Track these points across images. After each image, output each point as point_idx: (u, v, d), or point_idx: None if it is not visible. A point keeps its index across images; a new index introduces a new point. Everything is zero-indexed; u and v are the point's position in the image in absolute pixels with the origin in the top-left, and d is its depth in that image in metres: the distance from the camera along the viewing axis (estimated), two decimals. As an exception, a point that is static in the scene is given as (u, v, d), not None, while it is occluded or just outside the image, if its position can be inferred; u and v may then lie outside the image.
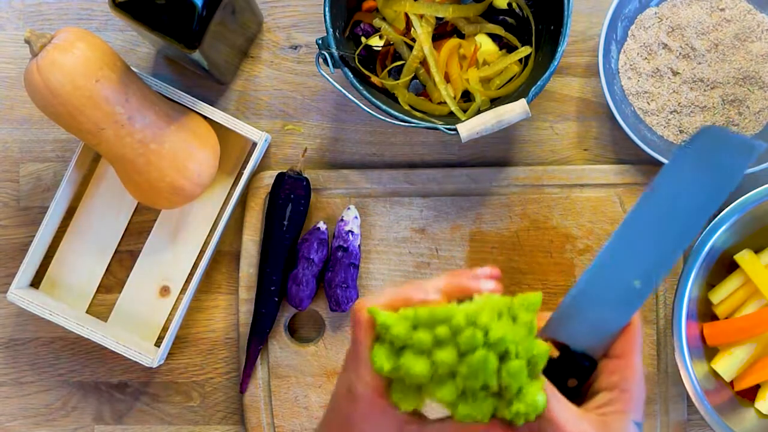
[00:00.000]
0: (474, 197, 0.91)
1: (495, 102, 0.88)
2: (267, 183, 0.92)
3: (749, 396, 0.87)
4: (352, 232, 0.90)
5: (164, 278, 0.94)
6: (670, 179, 0.62)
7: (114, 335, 0.91)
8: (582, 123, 0.93)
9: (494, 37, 0.88)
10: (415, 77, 0.89)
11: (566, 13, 0.82)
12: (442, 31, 0.89)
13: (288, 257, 0.90)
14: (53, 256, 0.94)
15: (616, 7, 0.87)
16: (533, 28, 0.88)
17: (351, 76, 0.83)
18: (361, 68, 0.87)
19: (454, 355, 0.55)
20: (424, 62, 0.88)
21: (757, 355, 0.87)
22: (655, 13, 0.90)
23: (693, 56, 0.89)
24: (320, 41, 0.82)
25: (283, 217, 0.89)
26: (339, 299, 0.89)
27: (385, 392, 0.58)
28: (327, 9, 0.82)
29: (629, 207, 0.89)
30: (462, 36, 0.88)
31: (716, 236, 0.84)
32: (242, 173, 0.91)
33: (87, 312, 0.94)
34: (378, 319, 0.56)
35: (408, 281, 0.69)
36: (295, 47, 0.94)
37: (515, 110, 0.81)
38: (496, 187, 0.91)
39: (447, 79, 0.88)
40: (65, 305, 0.93)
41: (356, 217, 0.90)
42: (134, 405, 0.95)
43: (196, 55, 0.81)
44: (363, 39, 0.88)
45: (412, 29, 0.87)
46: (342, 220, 0.90)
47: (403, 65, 0.88)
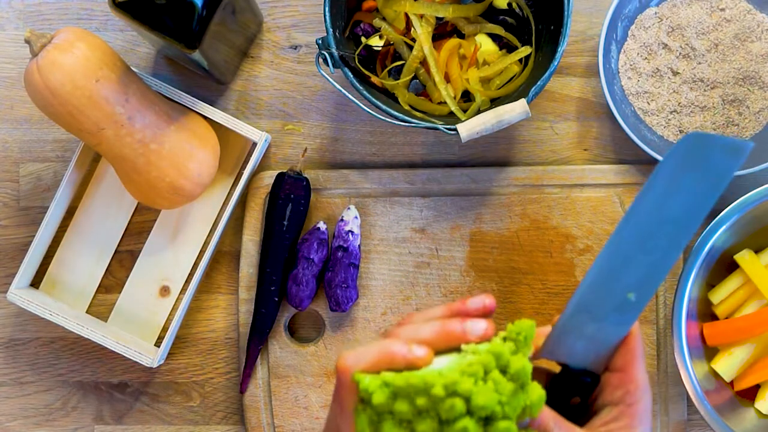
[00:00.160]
0: (474, 197, 0.91)
1: (495, 102, 0.88)
2: (267, 183, 0.92)
3: (749, 396, 0.87)
4: (352, 232, 0.89)
5: (164, 278, 0.94)
6: (658, 187, 0.60)
7: (114, 335, 0.91)
8: (582, 123, 0.93)
9: (494, 37, 0.88)
10: (415, 77, 0.89)
11: (566, 13, 0.82)
12: (442, 31, 0.89)
13: (288, 257, 0.90)
14: (53, 256, 0.94)
15: (616, 7, 0.87)
16: (533, 28, 0.88)
17: (351, 76, 0.83)
18: (361, 68, 0.87)
19: (435, 426, 0.53)
20: (424, 62, 0.87)
21: (757, 355, 0.87)
22: (655, 13, 0.90)
23: (693, 56, 0.89)
24: (320, 41, 0.82)
25: (283, 217, 0.89)
26: (339, 299, 0.89)
27: None
28: (327, 9, 0.82)
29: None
30: (462, 36, 0.88)
31: (716, 236, 0.84)
32: (242, 173, 0.91)
33: (87, 312, 0.94)
34: (360, 385, 0.55)
35: (390, 328, 0.67)
36: (295, 47, 0.94)
37: (515, 110, 0.81)
38: (496, 187, 0.91)
39: (447, 79, 0.88)
40: (65, 305, 0.93)
41: (356, 217, 0.90)
42: (134, 405, 0.95)
43: (196, 55, 0.81)
44: (363, 39, 0.88)
45: (412, 29, 0.87)
46: (342, 220, 0.90)
47: (403, 65, 0.88)
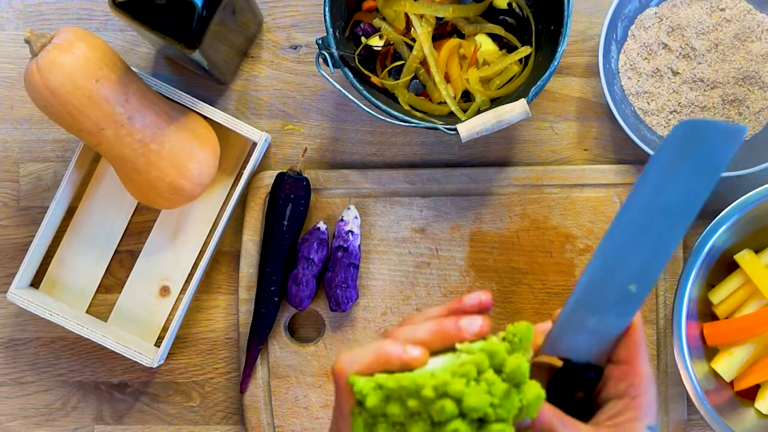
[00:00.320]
0: (474, 197, 0.91)
1: (495, 102, 0.88)
2: (267, 183, 0.92)
3: (749, 396, 0.87)
4: (352, 232, 0.89)
5: (164, 278, 0.94)
6: (654, 176, 0.59)
7: (114, 335, 0.91)
8: (582, 123, 0.93)
9: (494, 37, 0.88)
10: (415, 77, 0.89)
11: (566, 13, 0.82)
12: (442, 31, 0.89)
13: (288, 257, 0.90)
14: (53, 256, 0.94)
15: (616, 7, 0.87)
16: (533, 28, 0.88)
17: (351, 76, 0.83)
18: (361, 68, 0.87)
19: (427, 429, 0.53)
20: (424, 62, 0.87)
21: (757, 355, 0.87)
22: (655, 13, 0.90)
23: (693, 56, 0.89)
24: (320, 41, 0.82)
25: (283, 217, 0.89)
26: (339, 299, 0.89)
27: None
28: (327, 9, 0.82)
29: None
30: (462, 36, 0.88)
31: (716, 236, 0.84)
32: (242, 173, 0.91)
33: (87, 312, 0.94)
34: (355, 387, 0.55)
35: (390, 329, 0.66)
36: (295, 47, 0.94)
37: (515, 110, 0.81)
38: (496, 187, 0.91)
39: (447, 79, 0.88)
40: (65, 305, 0.93)
41: (356, 217, 0.90)
42: (134, 405, 0.95)
43: (196, 55, 0.81)
44: (363, 39, 0.88)
45: (412, 29, 0.87)
46: (342, 220, 0.90)
47: (403, 65, 0.88)
